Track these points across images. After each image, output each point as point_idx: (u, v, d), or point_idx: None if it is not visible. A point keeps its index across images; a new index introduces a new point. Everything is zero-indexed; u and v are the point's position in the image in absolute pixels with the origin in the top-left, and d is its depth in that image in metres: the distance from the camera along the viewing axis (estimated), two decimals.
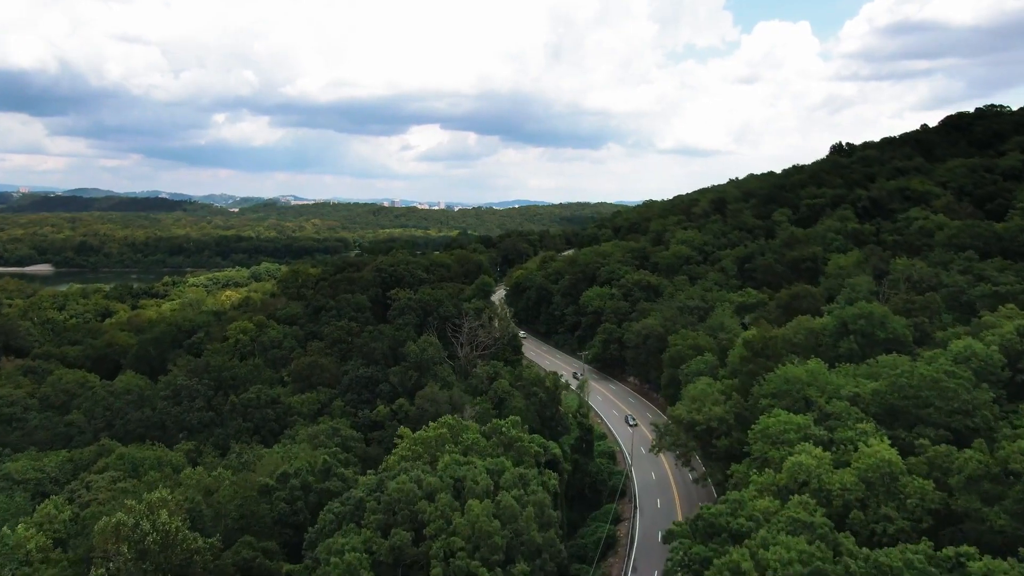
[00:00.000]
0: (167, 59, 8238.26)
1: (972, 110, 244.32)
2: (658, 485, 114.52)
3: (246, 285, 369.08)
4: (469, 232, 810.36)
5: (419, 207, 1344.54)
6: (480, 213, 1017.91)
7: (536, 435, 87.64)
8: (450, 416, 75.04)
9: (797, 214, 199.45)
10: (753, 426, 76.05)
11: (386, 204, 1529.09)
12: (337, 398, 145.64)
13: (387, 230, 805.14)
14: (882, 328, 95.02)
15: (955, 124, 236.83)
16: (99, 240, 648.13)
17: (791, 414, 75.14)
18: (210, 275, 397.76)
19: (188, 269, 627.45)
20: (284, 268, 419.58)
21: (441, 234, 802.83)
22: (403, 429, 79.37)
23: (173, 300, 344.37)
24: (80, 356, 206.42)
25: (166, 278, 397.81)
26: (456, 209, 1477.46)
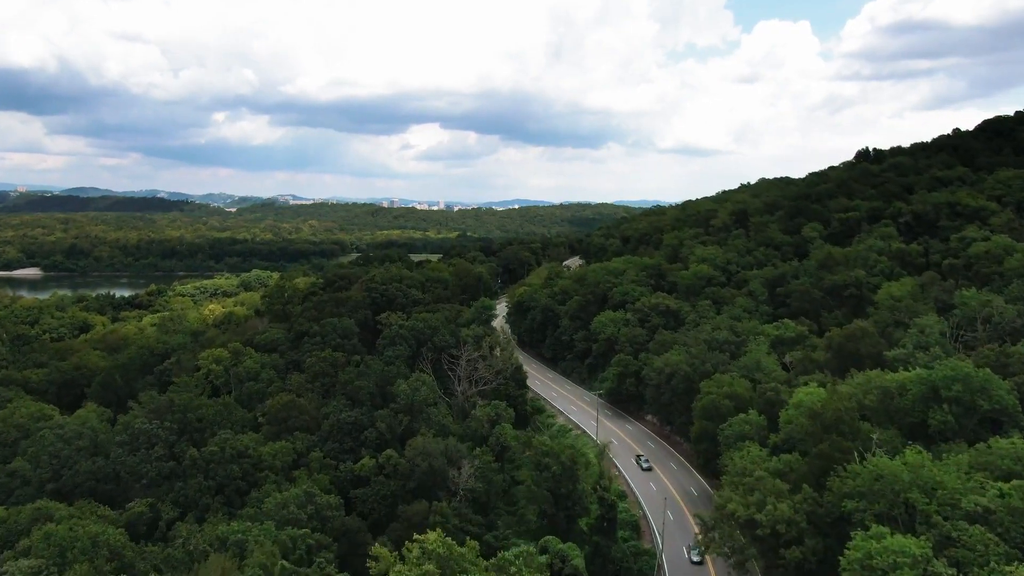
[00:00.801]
0: (167, 58, 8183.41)
1: (1012, 113, 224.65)
2: (694, 569, 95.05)
3: (234, 295, 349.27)
4: (468, 234, 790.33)
5: (418, 207, 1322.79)
6: (480, 214, 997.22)
7: (552, 539, 68.12)
8: (439, 535, 55.21)
9: (829, 229, 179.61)
10: (847, 551, 56.30)
11: (385, 204, 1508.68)
12: (316, 447, 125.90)
13: (385, 232, 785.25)
14: (984, 396, 75.31)
15: (995, 129, 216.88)
16: (90, 243, 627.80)
17: (897, 535, 55.46)
18: (198, 283, 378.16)
19: (180, 273, 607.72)
20: (275, 276, 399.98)
21: (440, 236, 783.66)
22: (377, 549, 59.28)
23: (158, 311, 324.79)
24: (44, 381, 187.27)
25: (152, 286, 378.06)
26: (456, 209, 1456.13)
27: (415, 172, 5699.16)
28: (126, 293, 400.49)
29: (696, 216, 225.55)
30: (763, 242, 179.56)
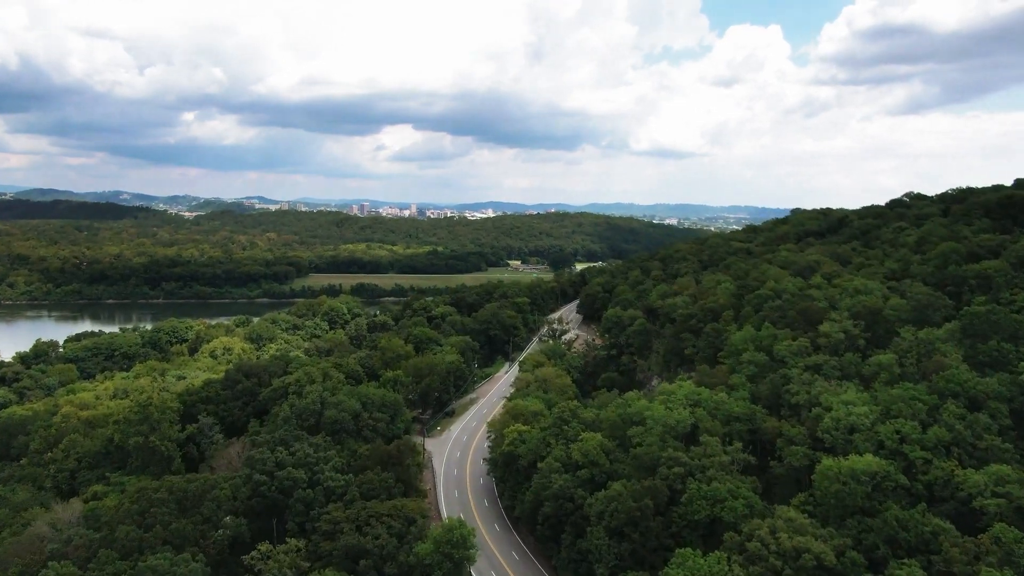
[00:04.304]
0: (132, 55, 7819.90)
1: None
2: None
3: (137, 360, 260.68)
4: (439, 249, 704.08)
5: (388, 214, 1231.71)
6: (452, 224, 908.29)
7: None
8: None
9: None
10: None
11: (355, 209, 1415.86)
12: None
13: (349, 247, 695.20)
14: None
15: None
16: (7, 265, 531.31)
17: None
18: (92, 341, 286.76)
19: (109, 300, 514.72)
20: (195, 326, 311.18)
21: (408, 251, 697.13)
22: None
23: (25, 390, 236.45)
24: None
25: (38, 342, 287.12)
26: (428, 215, 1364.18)
27: (388, 173, 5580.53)
28: (28, 339, 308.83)
29: (778, 310, 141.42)
30: (947, 388, 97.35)
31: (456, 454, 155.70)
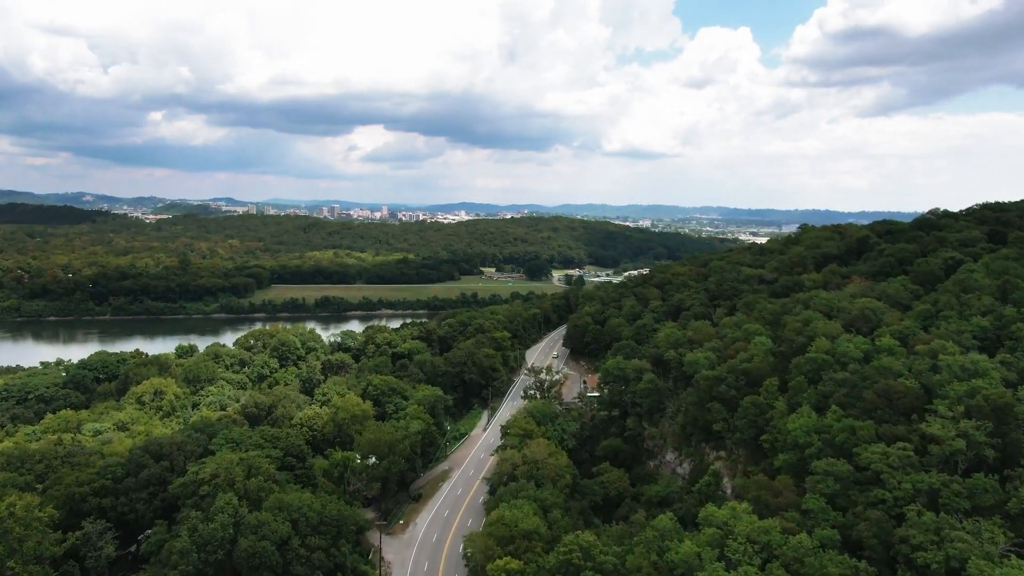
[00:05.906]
0: (95, 53, 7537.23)
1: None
2: None
3: (50, 410, 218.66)
4: (410, 257, 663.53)
5: (358, 217, 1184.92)
6: (424, 229, 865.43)
7: None
8: None
9: None
10: None
11: (325, 211, 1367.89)
12: None
13: (315, 253, 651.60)
14: None
15: None
16: None
17: None
18: (4, 383, 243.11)
19: (50, 318, 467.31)
20: (129, 359, 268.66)
21: (378, 258, 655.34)
22: None
23: None
24: None
25: None
26: (399, 217, 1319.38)
27: (360, 173, 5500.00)
28: None
29: (846, 386, 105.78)
30: None
31: (423, 565, 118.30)
